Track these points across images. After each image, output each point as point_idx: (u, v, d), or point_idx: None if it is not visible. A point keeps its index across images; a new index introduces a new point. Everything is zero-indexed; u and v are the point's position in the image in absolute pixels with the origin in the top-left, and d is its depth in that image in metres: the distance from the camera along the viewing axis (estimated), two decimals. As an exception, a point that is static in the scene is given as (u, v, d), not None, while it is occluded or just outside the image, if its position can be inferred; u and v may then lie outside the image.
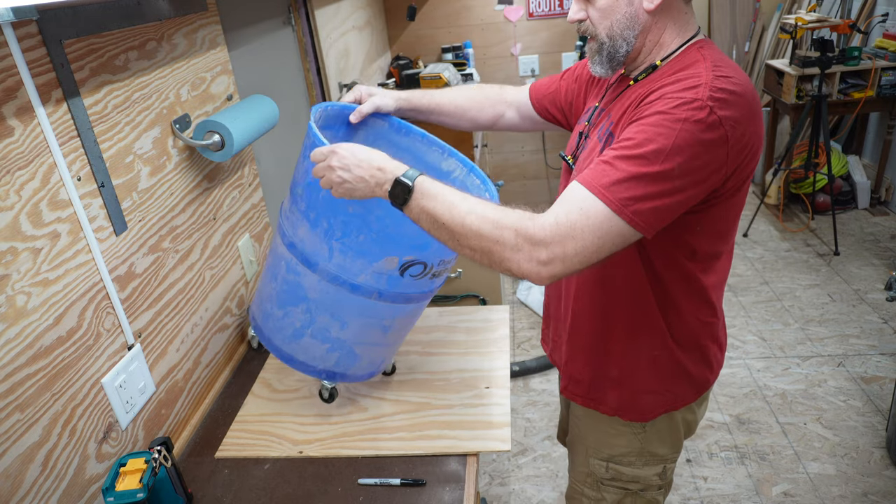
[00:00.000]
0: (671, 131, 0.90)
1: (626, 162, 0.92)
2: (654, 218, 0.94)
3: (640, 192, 0.91)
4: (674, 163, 0.91)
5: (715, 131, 0.91)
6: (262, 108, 1.49)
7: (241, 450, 1.25)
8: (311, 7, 2.28)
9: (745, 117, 0.94)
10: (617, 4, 1.02)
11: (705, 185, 0.96)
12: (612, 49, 1.05)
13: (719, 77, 0.94)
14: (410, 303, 1.21)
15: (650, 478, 1.27)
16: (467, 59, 3.69)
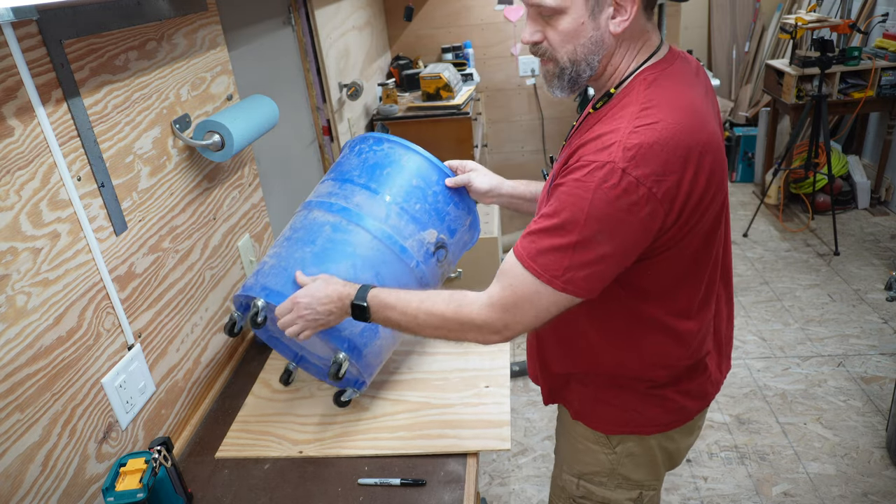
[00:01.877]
0: (584, 201, 0.88)
1: (547, 235, 0.92)
2: (589, 283, 0.93)
3: (567, 262, 0.91)
4: (592, 230, 0.89)
5: (633, 192, 0.87)
6: (262, 108, 1.49)
7: (241, 450, 1.25)
8: (311, 7, 2.28)
9: (674, 166, 0.88)
10: (582, 28, 0.93)
11: (635, 247, 0.93)
12: (574, 74, 0.98)
13: (638, 129, 0.88)
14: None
15: (623, 501, 1.22)
16: (467, 59, 3.69)
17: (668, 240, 0.94)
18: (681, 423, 1.16)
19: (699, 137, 0.90)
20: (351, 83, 2.61)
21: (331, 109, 2.45)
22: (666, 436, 1.17)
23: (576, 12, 0.93)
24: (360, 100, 2.90)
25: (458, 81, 3.19)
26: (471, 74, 3.46)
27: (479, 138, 3.36)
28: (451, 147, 2.97)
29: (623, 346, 1.09)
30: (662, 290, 1.03)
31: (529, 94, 3.93)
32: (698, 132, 0.91)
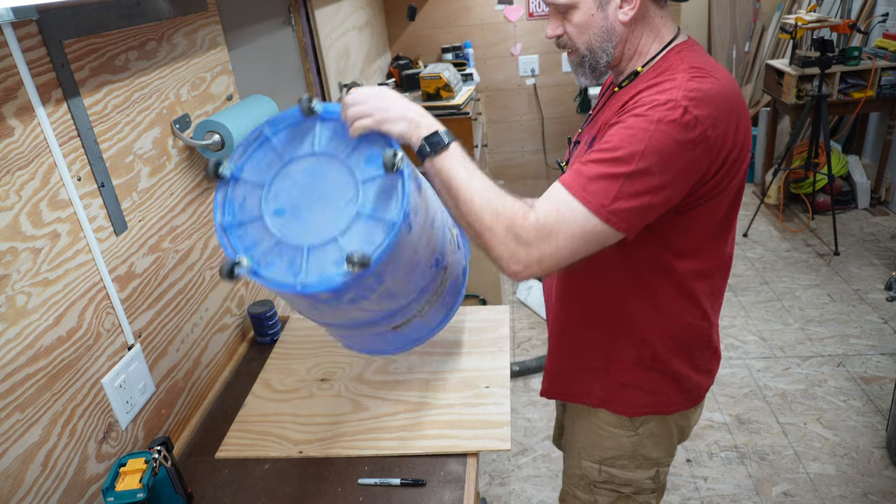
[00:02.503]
0: (645, 133, 0.92)
1: (602, 164, 0.94)
2: (632, 217, 0.95)
3: (616, 190, 0.93)
4: (649, 162, 0.92)
5: (692, 130, 0.92)
6: (262, 109, 1.49)
7: (241, 450, 1.25)
8: (311, 7, 2.28)
9: (724, 115, 0.95)
10: (593, 19, 1.04)
11: (685, 185, 0.97)
12: (593, 61, 1.08)
13: (695, 77, 0.96)
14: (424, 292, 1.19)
15: (643, 481, 1.27)
16: (467, 59, 3.69)
17: (708, 191, 1.00)
18: (696, 402, 1.23)
19: (741, 99, 1.01)
20: (351, 83, 2.61)
21: (331, 109, 2.45)
22: (682, 414, 1.24)
23: (585, 6, 1.03)
24: (360, 100, 2.90)
25: (458, 81, 3.20)
26: (471, 74, 3.46)
27: (479, 138, 3.36)
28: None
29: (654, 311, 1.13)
30: (694, 247, 1.08)
31: (529, 94, 3.93)
32: (739, 94, 1.01)
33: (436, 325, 1.27)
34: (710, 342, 1.21)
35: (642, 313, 1.13)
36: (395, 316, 1.18)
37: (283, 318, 1.68)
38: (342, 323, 1.21)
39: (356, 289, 0.96)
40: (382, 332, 1.21)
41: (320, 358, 1.50)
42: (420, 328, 1.24)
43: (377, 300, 1.04)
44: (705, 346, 1.20)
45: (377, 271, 0.94)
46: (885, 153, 3.97)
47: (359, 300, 1.01)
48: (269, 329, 1.58)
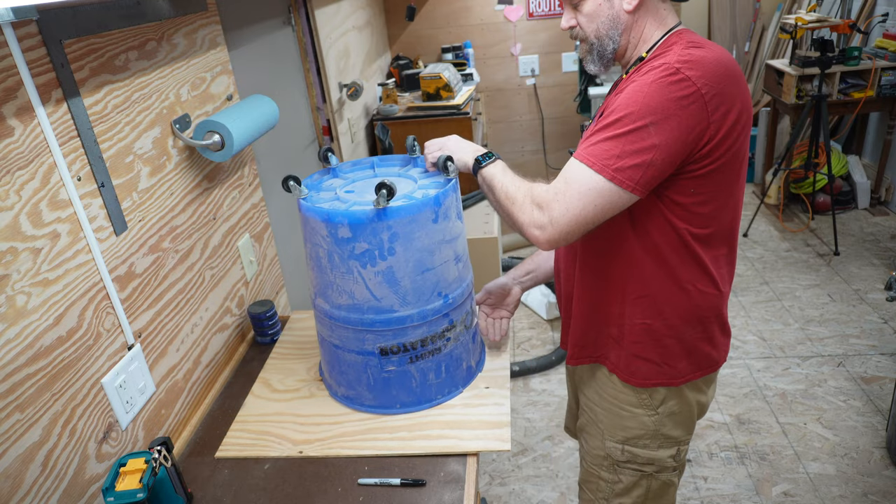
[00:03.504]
0: (640, 94, 1.01)
1: (605, 129, 1.04)
2: (637, 175, 1.03)
3: (618, 150, 1.02)
4: (646, 120, 1.00)
5: (685, 88, 1.00)
6: (262, 108, 1.49)
7: (241, 450, 1.25)
8: (311, 7, 2.28)
9: (719, 76, 1.02)
10: (600, 9, 1.13)
11: (685, 142, 1.03)
12: (600, 48, 1.17)
13: (689, 48, 1.05)
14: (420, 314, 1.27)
15: (665, 459, 1.31)
16: (467, 58, 3.69)
17: (711, 150, 1.05)
18: (707, 372, 1.27)
19: (737, 68, 1.07)
20: (351, 83, 2.61)
21: (331, 109, 2.45)
22: (696, 387, 1.28)
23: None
24: (360, 100, 2.90)
25: (458, 81, 3.19)
26: (471, 74, 3.46)
27: (479, 138, 3.36)
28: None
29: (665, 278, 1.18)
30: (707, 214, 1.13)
31: (529, 94, 3.93)
32: (735, 64, 1.07)
33: (417, 396, 1.32)
34: (720, 315, 1.24)
35: (653, 279, 1.18)
36: (386, 324, 1.22)
37: (283, 318, 1.68)
38: (338, 315, 1.25)
39: (370, 235, 1.14)
40: (367, 361, 1.28)
41: (321, 358, 1.50)
42: (401, 380, 1.29)
43: (380, 275, 1.18)
44: (715, 316, 1.23)
45: (396, 230, 1.15)
46: (885, 153, 3.97)
47: (366, 257, 1.17)
48: (269, 329, 1.58)
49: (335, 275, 1.22)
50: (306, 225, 1.22)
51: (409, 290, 1.20)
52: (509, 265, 3.67)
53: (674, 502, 1.38)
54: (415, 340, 1.25)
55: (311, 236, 1.22)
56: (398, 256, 1.17)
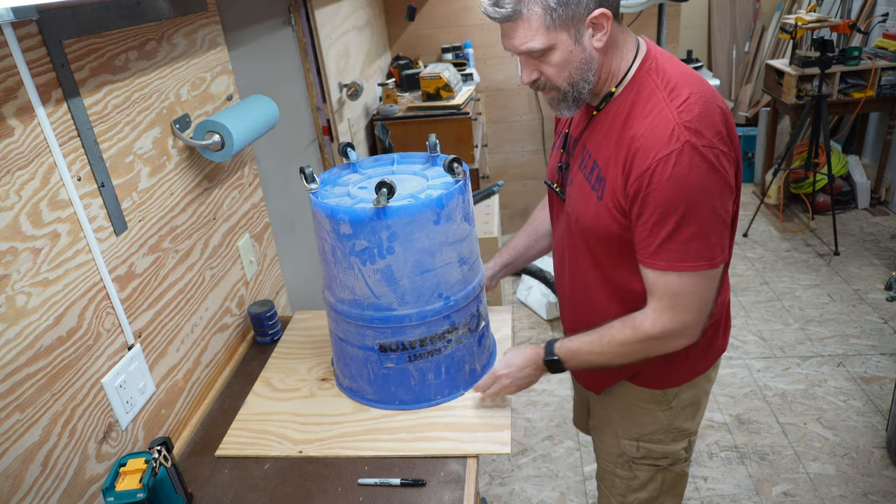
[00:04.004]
0: (684, 188, 0.99)
1: (676, 234, 1.02)
2: (725, 244, 1.07)
3: (710, 242, 1.03)
4: (706, 207, 1.01)
5: (713, 159, 1.00)
6: (262, 108, 1.49)
7: (241, 448, 1.25)
8: (311, 7, 2.28)
9: (719, 125, 1.02)
10: (572, 55, 1.04)
11: (732, 195, 1.07)
12: (575, 94, 1.09)
13: (681, 108, 1.01)
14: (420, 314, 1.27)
15: (678, 452, 1.33)
16: (467, 58, 3.69)
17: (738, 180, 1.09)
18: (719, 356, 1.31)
19: (717, 95, 1.06)
20: (351, 83, 2.61)
21: (331, 109, 2.45)
22: (707, 376, 1.30)
23: (562, 44, 1.03)
24: (360, 100, 2.90)
25: (458, 81, 3.19)
26: (471, 74, 3.46)
27: (479, 138, 3.36)
28: (451, 147, 2.97)
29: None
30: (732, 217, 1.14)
31: (529, 94, 3.93)
32: (713, 91, 1.06)
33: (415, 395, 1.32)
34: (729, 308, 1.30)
35: None
36: (384, 322, 1.21)
37: (284, 318, 1.68)
38: (341, 308, 1.26)
39: (370, 233, 1.15)
40: (367, 356, 1.28)
41: (322, 357, 1.50)
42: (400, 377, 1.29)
43: (379, 273, 1.18)
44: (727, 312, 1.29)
45: (395, 229, 1.15)
46: (885, 153, 3.97)
47: (366, 255, 1.17)
48: (269, 329, 1.58)
49: (338, 269, 1.22)
50: (315, 218, 1.23)
51: (408, 290, 1.20)
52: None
53: (684, 491, 1.40)
54: (413, 340, 1.25)
55: (318, 230, 1.24)
56: (397, 256, 1.17)
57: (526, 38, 1.03)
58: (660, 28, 3.56)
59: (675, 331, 1.09)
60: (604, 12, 1.01)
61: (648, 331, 1.10)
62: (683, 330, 1.09)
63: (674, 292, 1.06)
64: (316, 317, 1.67)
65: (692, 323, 1.08)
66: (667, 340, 1.10)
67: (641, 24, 3.66)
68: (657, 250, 1.05)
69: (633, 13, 3.43)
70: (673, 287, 1.06)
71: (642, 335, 1.10)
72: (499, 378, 1.26)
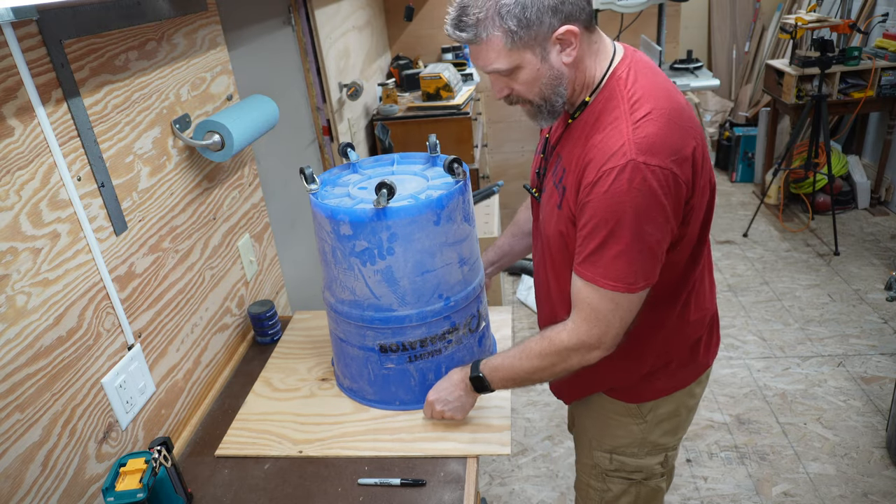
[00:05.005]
0: (621, 205, 0.97)
1: (603, 248, 1.00)
2: (656, 269, 1.04)
3: (636, 265, 1.00)
4: (641, 226, 0.98)
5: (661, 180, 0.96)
6: (262, 108, 1.49)
7: (241, 448, 1.25)
8: (311, 7, 2.28)
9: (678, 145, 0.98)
10: (539, 73, 1.03)
11: (677, 219, 1.03)
12: (550, 107, 1.08)
13: (637, 124, 0.98)
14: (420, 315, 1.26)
15: (653, 466, 1.30)
16: (467, 59, 3.69)
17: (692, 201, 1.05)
18: (702, 372, 1.29)
19: (686, 112, 1.02)
20: (351, 83, 2.61)
21: (331, 109, 2.45)
22: (688, 391, 1.28)
23: (528, 64, 1.02)
24: (360, 100, 2.90)
25: (458, 81, 3.19)
26: (471, 74, 3.46)
27: (479, 138, 3.36)
28: (452, 147, 2.97)
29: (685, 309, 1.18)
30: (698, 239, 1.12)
31: (529, 94, 3.93)
32: (682, 108, 1.03)
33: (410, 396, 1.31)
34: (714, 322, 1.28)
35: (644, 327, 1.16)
36: (384, 322, 1.21)
37: (284, 318, 1.68)
38: (341, 309, 1.26)
39: (370, 234, 1.15)
40: (368, 356, 1.28)
41: (322, 357, 1.50)
42: (400, 378, 1.29)
43: (379, 274, 1.18)
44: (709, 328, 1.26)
45: (395, 230, 1.14)
46: (885, 153, 3.97)
47: (366, 255, 1.17)
48: (269, 329, 1.58)
49: (338, 270, 1.22)
50: (315, 219, 1.23)
51: (409, 291, 1.20)
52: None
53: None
54: (413, 340, 1.25)
55: (318, 230, 1.24)
56: (397, 256, 1.17)
57: (490, 60, 1.02)
58: (660, 28, 3.56)
59: (590, 343, 1.08)
60: (570, 29, 0.99)
61: (564, 341, 1.09)
62: (598, 343, 1.08)
63: (593, 306, 1.05)
64: (316, 317, 1.67)
65: (607, 338, 1.07)
66: (581, 352, 1.09)
67: (641, 24, 3.66)
68: (583, 261, 1.04)
69: (633, 13, 3.43)
70: (593, 300, 1.05)
71: (558, 345, 1.10)
72: (430, 404, 1.25)
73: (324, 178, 1.34)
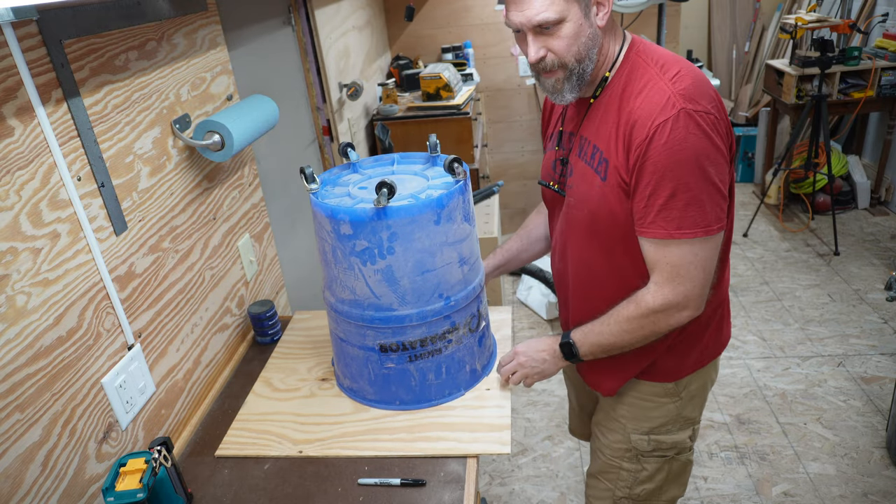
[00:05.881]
0: (680, 154, 1.01)
1: (672, 201, 1.03)
2: (724, 210, 1.07)
3: (707, 207, 1.04)
4: (703, 172, 1.02)
5: (708, 123, 1.02)
6: (262, 108, 1.49)
7: (241, 448, 1.25)
8: (311, 7, 2.28)
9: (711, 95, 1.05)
10: (581, 28, 1.06)
11: (727, 158, 1.08)
12: (580, 72, 1.10)
13: (673, 79, 1.04)
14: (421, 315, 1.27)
15: (684, 440, 1.34)
16: (467, 59, 3.69)
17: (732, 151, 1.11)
18: (726, 345, 1.33)
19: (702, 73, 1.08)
20: (351, 83, 2.61)
21: (331, 109, 2.45)
22: (714, 364, 1.33)
23: (574, 17, 1.06)
24: (360, 100, 2.90)
25: (458, 81, 3.19)
26: (471, 74, 3.46)
27: (479, 138, 3.36)
28: (452, 147, 2.97)
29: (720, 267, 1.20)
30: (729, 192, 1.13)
31: (529, 94, 3.93)
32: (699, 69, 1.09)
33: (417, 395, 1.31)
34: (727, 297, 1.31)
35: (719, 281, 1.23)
36: (384, 322, 1.22)
37: (284, 318, 1.68)
38: (341, 309, 1.26)
39: (370, 233, 1.15)
40: (368, 356, 1.28)
41: (322, 357, 1.50)
42: (400, 378, 1.29)
43: (379, 274, 1.18)
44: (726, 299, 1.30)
45: (395, 230, 1.15)
46: (885, 153, 3.97)
47: (366, 255, 1.17)
48: (269, 329, 1.58)
49: (338, 270, 1.23)
50: (315, 218, 1.23)
51: (409, 290, 1.20)
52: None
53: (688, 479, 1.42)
54: (413, 340, 1.25)
55: (318, 230, 1.24)
56: (397, 256, 1.17)
57: (541, 8, 1.04)
58: (660, 28, 3.56)
59: (678, 303, 1.09)
60: None
61: (650, 304, 1.10)
62: (686, 301, 1.09)
63: (673, 263, 1.07)
64: (316, 317, 1.67)
65: (694, 294, 1.09)
66: (670, 313, 1.10)
67: (641, 24, 3.66)
68: (654, 218, 1.06)
69: (633, 13, 3.43)
70: (671, 258, 1.07)
71: (645, 309, 1.11)
72: (517, 354, 1.28)
73: (324, 177, 1.35)
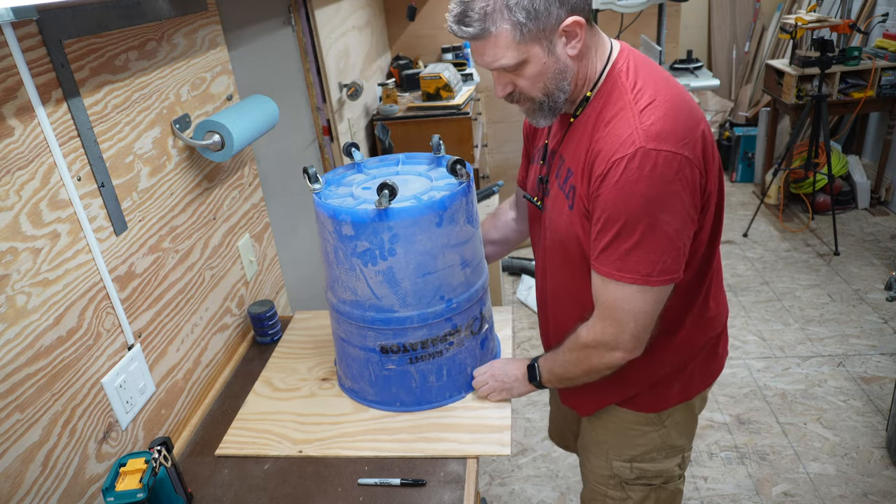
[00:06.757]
0: (633, 195, 0.95)
1: (618, 241, 0.98)
2: (678, 263, 1.00)
3: (651, 256, 0.98)
4: (656, 213, 0.96)
5: (673, 165, 0.94)
6: (262, 108, 1.49)
7: (241, 447, 1.25)
8: (311, 7, 2.28)
9: (685, 123, 0.97)
10: (545, 67, 1.01)
11: (695, 204, 1.00)
12: (552, 104, 1.06)
13: (643, 111, 0.97)
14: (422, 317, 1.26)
15: (672, 469, 1.30)
16: (467, 59, 3.69)
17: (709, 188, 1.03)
18: (717, 376, 1.29)
19: (688, 98, 1.02)
20: (351, 83, 2.61)
21: (331, 109, 2.45)
22: (702, 395, 1.28)
23: (535, 57, 1.00)
24: (360, 100, 2.90)
25: (458, 81, 3.19)
26: (471, 74, 3.46)
27: (479, 138, 3.36)
28: (452, 147, 2.97)
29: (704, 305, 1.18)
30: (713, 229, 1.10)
31: (529, 94, 3.92)
32: (684, 94, 1.02)
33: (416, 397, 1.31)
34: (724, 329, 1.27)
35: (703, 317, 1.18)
36: (385, 323, 1.22)
37: (284, 318, 1.68)
38: (343, 309, 1.26)
39: (371, 234, 1.14)
40: (369, 357, 1.28)
41: (322, 357, 1.50)
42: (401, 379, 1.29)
43: (380, 275, 1.18)
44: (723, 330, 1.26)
45: (397, 231, 1.14)
46: (885, 153, 3.97)
47: (367, 256, 1.17)
48: (270, 329, 1.58)
49: (340, 270, 1.22)
50: (318, 219, 1.23)
51: (410, 292, 1.20)
52: (509, 265, 3.67)
53: None
54: (414, 342, 1.25)
55: (321, 230, 1.24)
56: (398, 258, 1.17)
57: (497, 56, 1.00)
58: (660, 28, 3.55)
59: (606, 342, 1.06)
60: (576, 20, 0.98)
61: (583, 338, 1.09)
62: (615, 343, 1.05)
63: (607, 303, 1.04)
64: (316, 317, 1.67)
65: (623, 339, 1.05)
66: (600, 352, 1.08)
67: (641, 24, 3.65)
68: (599, 255, 1.02)
69: (633, 13, 3.43)
70: (608, 297, 1.03)
71: (580, 342, 1.10)
72: (492, 367, 1.30)
73: (328, 177, 1.34)
